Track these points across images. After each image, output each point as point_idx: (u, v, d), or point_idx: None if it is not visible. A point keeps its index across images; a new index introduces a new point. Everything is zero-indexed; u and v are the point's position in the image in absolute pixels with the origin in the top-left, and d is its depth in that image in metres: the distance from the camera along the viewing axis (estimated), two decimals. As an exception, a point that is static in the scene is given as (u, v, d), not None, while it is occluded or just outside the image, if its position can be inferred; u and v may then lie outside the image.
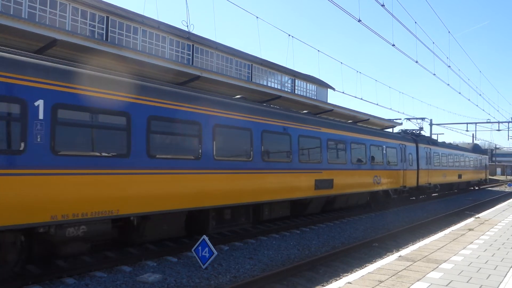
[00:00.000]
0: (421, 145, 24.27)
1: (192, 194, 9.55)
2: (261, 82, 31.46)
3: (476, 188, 40.58)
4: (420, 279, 6.14)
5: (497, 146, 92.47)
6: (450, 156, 30.18)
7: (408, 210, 20.51)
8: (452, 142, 43.62)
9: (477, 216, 14.49)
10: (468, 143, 44.51)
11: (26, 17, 17.77)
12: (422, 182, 24.12)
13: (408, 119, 30.88)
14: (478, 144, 44.43)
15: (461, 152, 34.16)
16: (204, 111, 10.13)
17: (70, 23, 20.24)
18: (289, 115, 13.59)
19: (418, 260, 7.40)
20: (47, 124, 7.07)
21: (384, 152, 19.21)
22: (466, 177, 34.66)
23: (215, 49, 28.06)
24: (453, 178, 30.89)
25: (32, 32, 10.87)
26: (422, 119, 30.71)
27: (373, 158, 18.09)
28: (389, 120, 30.51)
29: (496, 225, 12.05)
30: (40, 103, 7.01)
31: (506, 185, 47.23)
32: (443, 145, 30.23)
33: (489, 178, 61.68)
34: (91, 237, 7.96)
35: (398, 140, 21.29)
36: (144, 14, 24.35)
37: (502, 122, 49.06)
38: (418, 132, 27.99)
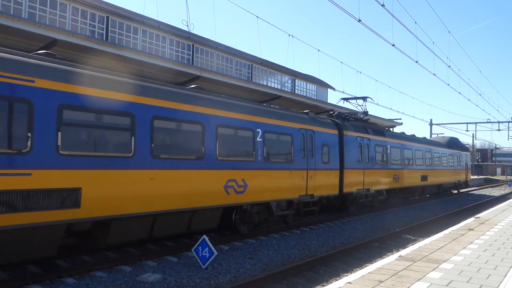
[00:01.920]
0: (349, 134, 16.84)
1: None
2: (261, 82, 31.46)
3: (455, 192, 33.01)
4: (420, 279, 6.14)
5: (497, 146, 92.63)
6: (406, 151, 22.39)
7: (408, 210, 20.51)
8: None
9: (477, 216, 14.49)
10: (443, 137, 34.20)
11: (26, 17, 17.78)
12: (351, 187, 16.72)
13: (345, 99, 21.33)
14: (456, 138, 34.29)
15: (427, 147, 25.99)
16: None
17: (70, 23, 20.24)
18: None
19: (418, 260, 7.40)
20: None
21: (259, 139, 11.87)
22: (435, 179, 26.57)
23: (215, 49, 28.07)
24: (412, 181, 22.95)
25: (32, 32, 10.89)
26: (364, 98, 20.64)
27: (224, 148, 10.73)
28: (389, 120, 30.51)
29: (496, 225, 12.05)
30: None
31: (506, 185, 47.22)
32: (395, 136, 22.12)
33: (488, 178, 61.72)
34: None
35: (296, 122, 13.56)
36: (144, 14, 24.37)
37: (502, 122, 49.16)
38: (361, 116, 20.38)
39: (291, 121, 13.43)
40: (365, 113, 20.78)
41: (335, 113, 19.11)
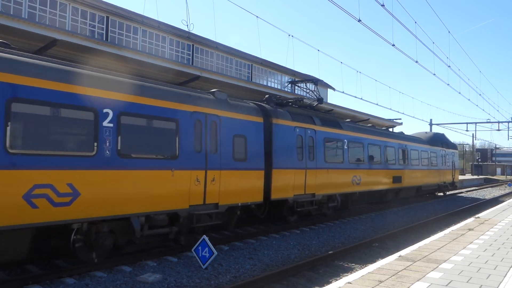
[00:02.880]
0: (282, 123, 13.09)
1: None
2: (261, 82, 31.47)
3: (440, 194, 29.44)
4: (420, 279, 6.14)
5: (497, 146, 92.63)
6: (372, 148, 18.75)
7: (408, 210, 20.52)
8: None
9: (477, 216, 14.49)
10: (426, 132, 29.89)
11: (26, 17, 17.78)
12: (285, 192, 12.97)
13: (293, 82, 18.19)
14: (441, 134, 30.53)
15: (402, 143, 22.08)
16: None
17: (70, 23, 20.24)
18: None
19: (418, 260, 7.40)
20: None
21: (108, 125, 8.26)
22: (412, 181, 22.92)
23: (215, 49, 28.08)
24: (380, 183, 19.28)
25: (32, 32, 10.89)
26: (315, 82, 17.37)
27: (27, 138, 7.10)
28: (389, 120, 30.48)
29: (496, 225, 12.05)
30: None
31: (506, 185, 47.23)
32: (357, 129, 18.20)
33: (488, 178, 61.70)
34: None
35: (186, 103, 9.93)
36: (144, 14, 24.37)
37: (502, 122, 49.15)
38: (310, 103, 16.66)
39: (177, 101, 9.59)
40: (319, 100, 16.85)
41: (266, 96, 14.54)
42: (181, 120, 9.65)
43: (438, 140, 28.32)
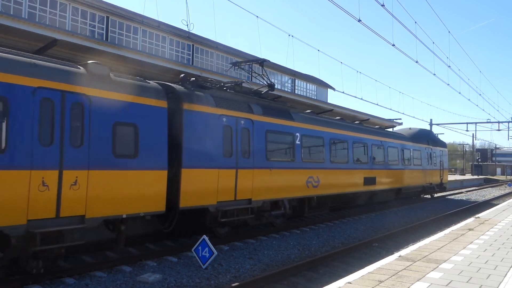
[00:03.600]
0: (200, 109, 10.32)
1: None
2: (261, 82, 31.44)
3: (427, 197, 27.08)
4: (420, 279, 6.14)
5: (497, 146, 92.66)
6: (336, 144, 15.84)
7: (408, 210, 20.52)
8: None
9: (477, 216, 14.49)
10: (410, 128, 26.81)
11: (26, 17, 17.78)
12: (202, 198, 10.18)
13: (235, 63, 14.85)
14: (428, 131, 28.08)
15: (377, 139, 19.03)
16: None
17: (70, 23, 20.25)
18: None
19: (418, 260, 7.40)
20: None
21: None
22: (390, 182, 20.04)
23: (215, 49, 28.09)
24: (347, 185, 16.38)
25: (32, 32, 10.88)
26: (261, 63, 13.82)
27: None
28: (389, 120, 30.48)
29: (496, 225, 12.05)
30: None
31: (506, 185, 47.23)
32: (314, 121, 15.15)
33: (488, 178, 61.70)
34: None
35: (24, 75, 7.04)
36: (144, 14, 24.40)
37: (502, 122, 49.12)
38: (262, 92, 13.90)
39: (7, 71, 6.83)
40: (270, 86, 13.93)
41: (181, 76, 11.46)
42: (14, 98, 6.85)
43: (423, 137, 25.35)
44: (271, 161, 12.37)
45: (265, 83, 14.13)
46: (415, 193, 24.50)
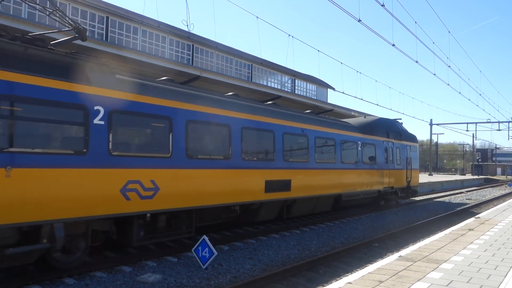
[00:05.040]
0: None
1: None
2: (261, 82, 31.49)
3: (393, 203, 21.50)
4: (420, 279, 6.13)
5: (497, 146, 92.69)
6: (195, 126, 9.89)
7: (408, 210, 20.51)
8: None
9: (477, 216, 14.48)
10: (365, 116, 22.20)
11: (26, 17, 17.77)
12: None
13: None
14: (391, 121, 21.86)
15: (291, 126, 13.23)
16: None
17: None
18: None
19: (418, 260, 7.39)
20: None
21: None
22: (321, 188, 14.51)
23: (215, 49, 28.09)
24: (225, 192, 10.59)
25: (32, 32, 10.85)
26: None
27: None
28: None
29: (496, 225, 12.04)
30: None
31: (506, 185, 47.21)
32: (150, 90, 9.09)
33: (489, 178, 61.60)
34: None
35: None
36: (144, 14, 24.41)
37: (502, 122, 49.23)
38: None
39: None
40: (78, 31, 8.38)
41: None
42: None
43: (381, 128, 19.54)
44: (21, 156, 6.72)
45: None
46: (367, 200, 18.60)
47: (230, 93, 12.77)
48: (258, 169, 11.80)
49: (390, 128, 20.63)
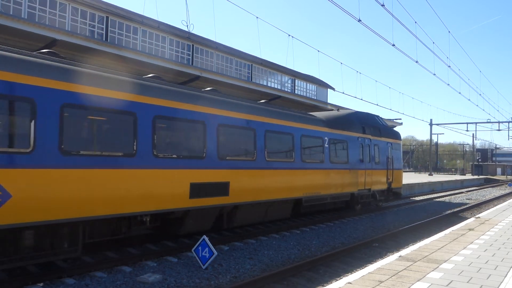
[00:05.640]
0: None
1: None
2: (261, 82, 31.48)
3: (373, 207, 19.32)
4: (421, 279, 6.13)
5: (497, 146, 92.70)
6: (80, 114, 7.56)
7: (408, 210, 20.51)
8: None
9: (477, 216, 14.48)
10: (338, 109, 20.27)
11: (26, 17, 17.77)
12: None
13: None
14: (366, 115, 19.09)
15: (232, 117, 11.01)
16: None
17: (70, 23, 20.23)
18: None
19: (419, 260, 7.39)
20: None
21: None
22: (272, 191, 12.32)
23: (215, 49, 28.07)
24: (120, 198, 8.10)
25: (32, 32, 10.89)
26: None
27: None
28: (389, 120, 30.34)
29: (496, 225, 12.04)
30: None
31: (507, 185, 47.21)
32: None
33: (489, 178, 61.58)
34: None
35: None
36: (144, 14, 24.39)
37: (502, 122, 49.26)
38: None
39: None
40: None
41: None
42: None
43: (355, 123, 17.27)
44: None
45: None
46: (338, 204, 16.72)
47: (150, 75, 10.42)
48: (179, 169, 9.40)
49: (367, 123, 18.14)
